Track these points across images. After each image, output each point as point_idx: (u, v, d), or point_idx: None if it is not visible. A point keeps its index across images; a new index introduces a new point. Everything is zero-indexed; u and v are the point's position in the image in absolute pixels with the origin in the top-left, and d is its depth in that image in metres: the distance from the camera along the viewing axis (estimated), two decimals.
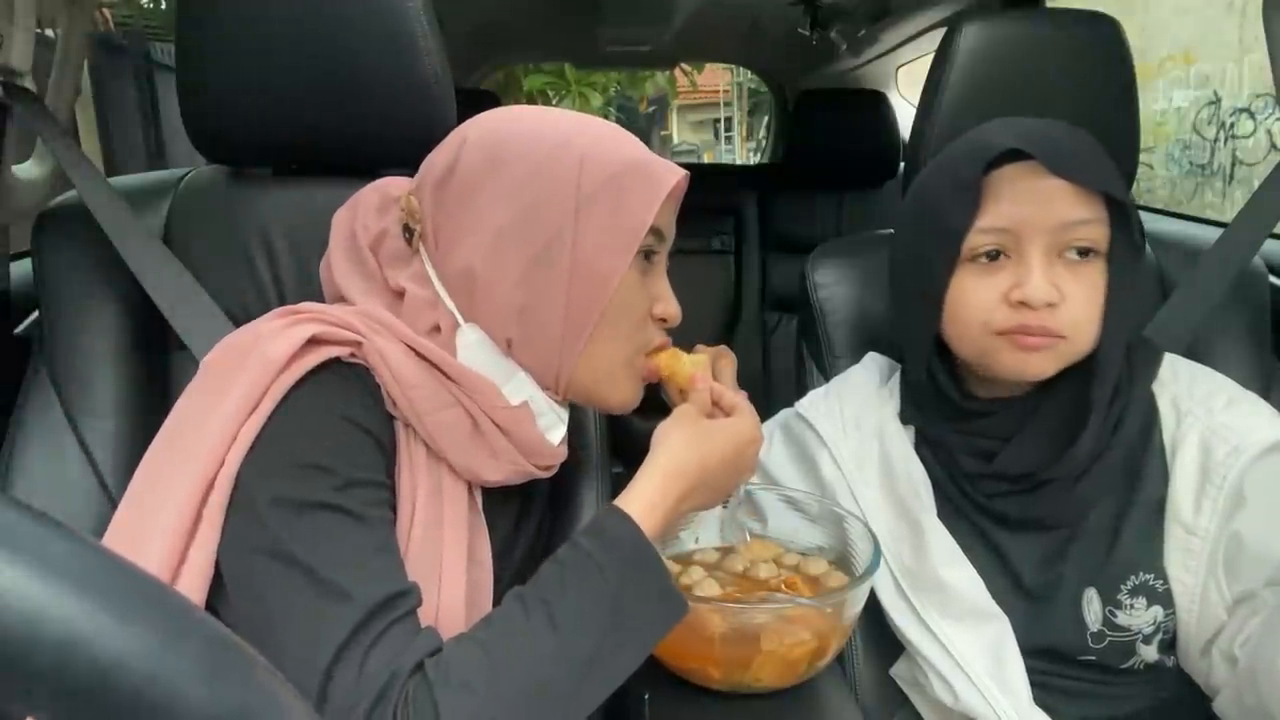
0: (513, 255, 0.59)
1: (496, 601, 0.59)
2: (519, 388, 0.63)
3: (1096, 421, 0.70)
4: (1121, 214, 0.69)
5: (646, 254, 0.64)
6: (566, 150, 0.60)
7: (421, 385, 0.59)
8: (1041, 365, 0.71)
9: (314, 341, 0.57)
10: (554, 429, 0.66)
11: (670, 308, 0.67)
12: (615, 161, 0.60)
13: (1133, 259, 0.69)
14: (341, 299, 0.65)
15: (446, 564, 0.60)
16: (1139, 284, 0.71)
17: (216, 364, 0.58)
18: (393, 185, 0.68)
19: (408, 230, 0.64)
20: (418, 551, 0.58)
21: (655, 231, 0.63)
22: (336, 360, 0.57)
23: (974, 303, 0.72)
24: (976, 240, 0.70)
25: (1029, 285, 0.68)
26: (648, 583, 0.56)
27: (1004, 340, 0.71)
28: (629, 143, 0.64)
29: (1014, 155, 0.69)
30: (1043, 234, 0.68)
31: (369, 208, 0.67)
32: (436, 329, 0.62)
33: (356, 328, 0.58)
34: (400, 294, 0.63)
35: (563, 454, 0.69)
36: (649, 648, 0.57)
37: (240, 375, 0.55)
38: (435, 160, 0.64)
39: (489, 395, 0.61)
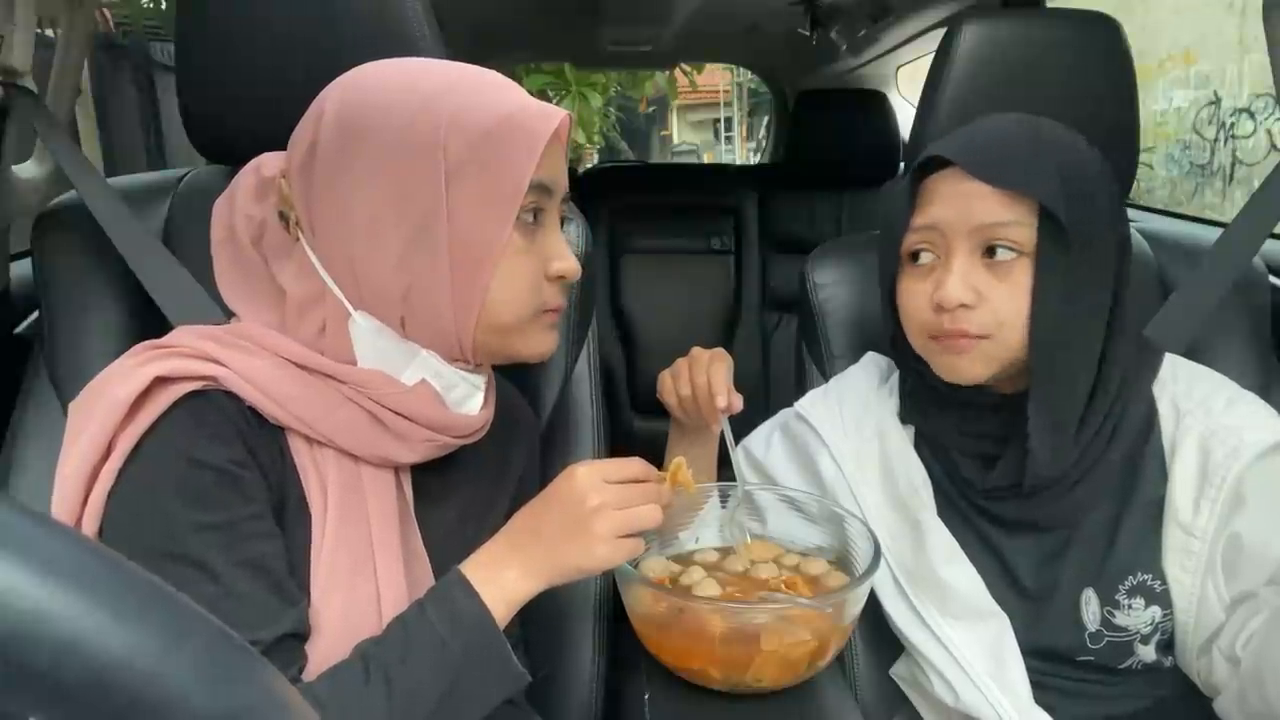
0: (389, 238, 0.57)
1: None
2: (421, 367, 0.61)
3: (1044, 431, 0.69)
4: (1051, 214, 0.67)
5: (533, 213, 0.60)
6: (429, 115, 0.56)
7: (301, 395, 0.57)
8: (969, 369, 0.72)
9: (163, 380, 0.55)
10: (469, 399, 0.64)
11: (566, 264, 0.62)
12: (483, 121, 0.56)
13: (1064, 260, 0.68)
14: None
15: (380, 558, 0.59)
16: (1083, 285, 0.69)
17: (75, 408, 0.57)
18: (266, 164, 0.63)
19: (283, 217, 0.61)
20: (336, 550, 0.58)
21: (539, 188, 0.59)
22: (190, 394, 0.55)
23: (910, 305, 0.75)
24: (910, 240, 0.74)
25: (944, 287, 0.69)
26: (489, 659, 0.56)
27: (935, 344, 0.73)
28: (498, 93, 0.59)
29: (948, 159, 0.71)
30: (964, 236, 0.70)
31: (247, 194, 0.63)
32: (324, 327, 0.60)
33: (213, 355, 0.56)
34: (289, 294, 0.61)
35: (484, 419, 0.66)
36: (484, 713, 0.57)
37: (91, 421, 0.54)
38: (297, 137, 0.60)
39: (379, 385, 0.59)
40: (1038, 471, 0.70)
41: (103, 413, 0.54)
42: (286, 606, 0.54)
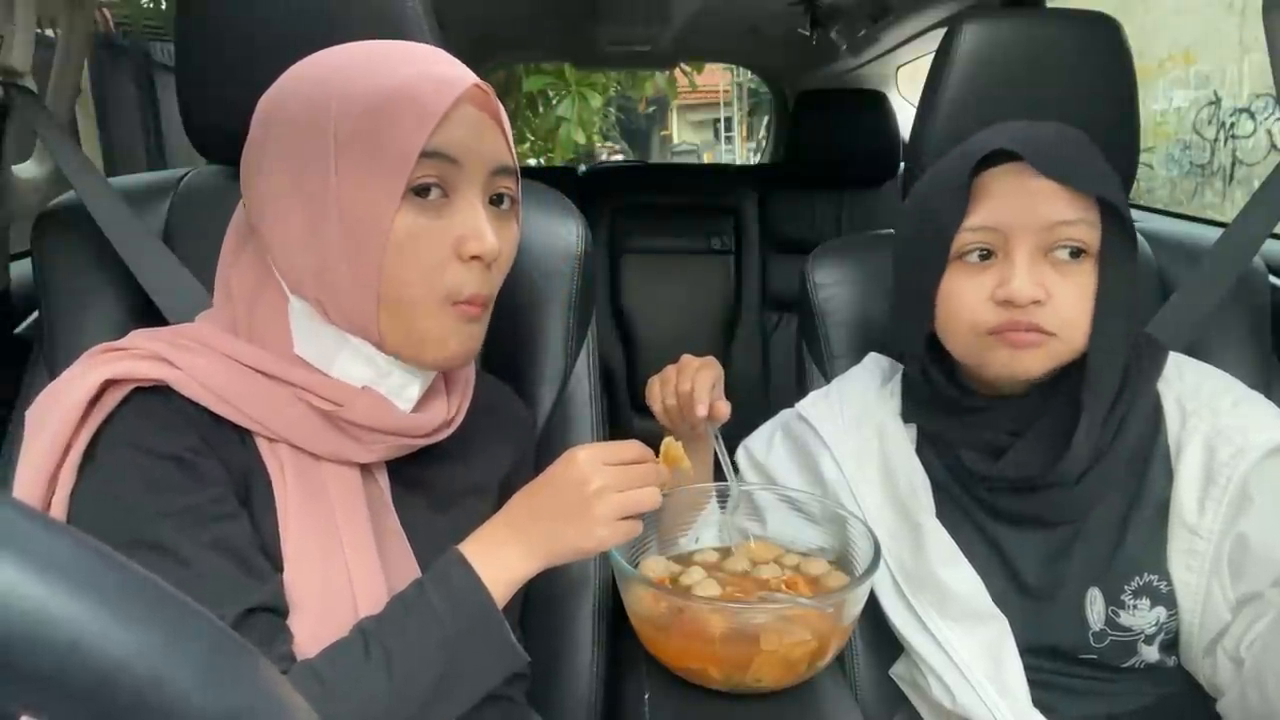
0: (291, 221, 0.58)
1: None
2: (354, 354, 0.60)
3: (1091, 426, 0.70)
4: (1114, 214, 0.68)
5: (434, 188, 0.57)
6: (318, 99, 0.57)
7: (250, 394, 0.58)
8: (1032, 364, 0.71)
9: (113, 382, 0.55)
10: (407, 387, 0.63)
11: (479, 243, 0.58)
12: (370, 96, 0.56)
13: (1125, 260, 0.69)
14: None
15: (348, 541, 0.59)
16: (1133, 285, 0.70)
17: (30, 415, 0.57)
18: None
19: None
20: (302, 534, 0.58)
21: (439, 158, 0.57)
22: (138, 390, 0.56)
23: (962, 302, 0.72)
24: (965, 239, 0.71)
25: (1014, 283, 0.68)
26: (487, 637, 0.57)
27: (994, 339, 0.71)
28: (392, 68, 0.57)
29: (1005, 156, 0.70)
30: (1030, 233, 0.69)
31: None
32: (269, 316, 0.60)
33: (164, 356, 0.57)
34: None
35: (438, 417, 0.65)
36: (483, 692, 0.58)
37: (44, 428, 0.55)
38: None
39: (323, 389, 0.59)
40: (1071, 466, 0.70)
41: (56, 419, 0.54)
42: (255, 582, 0.55)
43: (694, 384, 0.77)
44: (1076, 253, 0.69)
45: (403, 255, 0.57)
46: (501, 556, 0.59)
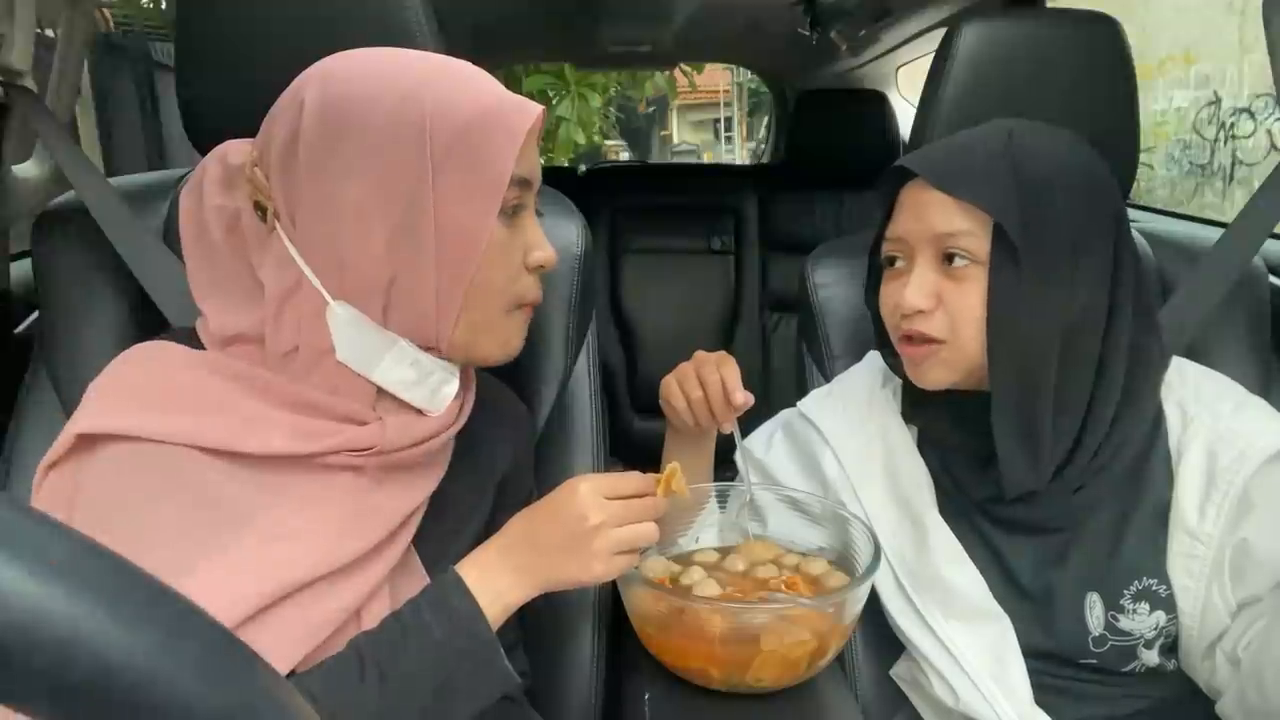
0: (374, 228, 0.57)
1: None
2: (399, 357, 0.60)
3: (1009, 446, 0.69)
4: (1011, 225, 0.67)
5: (513, 206, 0.61)
6: (414, 105, 0.56)
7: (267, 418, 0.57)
8: (932, 374, 0.73)
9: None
10: (445, 385, 0.64)
11: (545, 254, 0.63)
12: (463, 113, 0.57)
13: (1012, 268, 0.67)
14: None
15: (353, 542, 0.58)
16: (1034, 294, 0.67)
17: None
18: (233, 152, 0.63)
19: (259, 208, 0.59)
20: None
21: (519, 181, 0.60)
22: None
23: (885, 308, 0.77)
24: (885, 249, 0.77)
25: (904, 291, 0.71)
26: (482, 660, 0.57)
27: (901, 346, 0.75)
28: (476, 86, 0.59)
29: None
30: (924, 243, 0.72)
31: (214, 184, 0.62)
32: (302, 319, 0.59)
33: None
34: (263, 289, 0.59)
35: (454, 410, 0.65)
36: (473, 715, 0.58)
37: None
38: (274, 128, 0.59)
39: (360, 431, 0.59)
40: (1011, 483, 0.70)
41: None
42: None
43: (724, 375, 0.79)
44: (965, 261, 0.69)
45: (489, 269, 0.60)
46: (497, 582, 0.60)
